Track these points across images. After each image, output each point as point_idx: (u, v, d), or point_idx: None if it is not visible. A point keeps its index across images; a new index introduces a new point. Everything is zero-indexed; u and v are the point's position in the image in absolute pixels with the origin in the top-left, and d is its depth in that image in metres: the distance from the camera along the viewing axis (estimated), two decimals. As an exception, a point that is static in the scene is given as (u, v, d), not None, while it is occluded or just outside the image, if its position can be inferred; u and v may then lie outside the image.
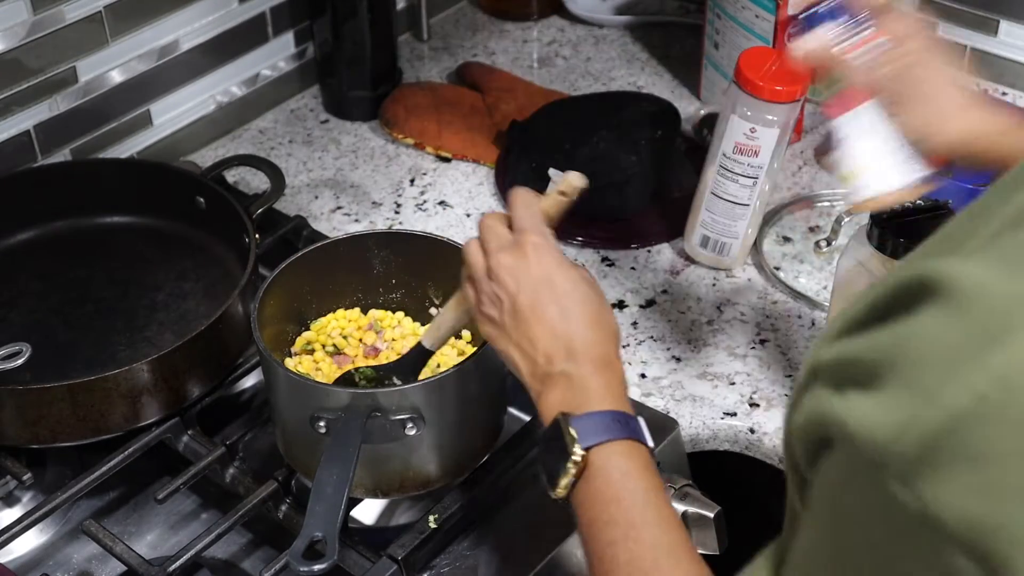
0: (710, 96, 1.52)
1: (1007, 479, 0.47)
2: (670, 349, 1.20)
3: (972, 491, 0.48)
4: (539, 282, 0.87)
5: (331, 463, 0.90)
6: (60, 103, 1.30)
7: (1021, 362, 0.48)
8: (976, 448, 0.48)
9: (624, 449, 0.80)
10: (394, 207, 1.39)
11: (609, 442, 0.80)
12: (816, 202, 1.38)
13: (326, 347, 1.09)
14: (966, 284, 0.50)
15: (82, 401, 1.02)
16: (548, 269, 0.87)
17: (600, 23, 1.70)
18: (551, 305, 0.86)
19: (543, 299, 0.86)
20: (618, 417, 0.82)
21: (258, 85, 1.51)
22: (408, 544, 0.97)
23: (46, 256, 1.25)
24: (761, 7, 1.38)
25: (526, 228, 0.89)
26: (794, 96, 1.17)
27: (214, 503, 1.09)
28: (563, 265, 0.88)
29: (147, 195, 1.27)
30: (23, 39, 1.23)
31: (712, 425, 1.13)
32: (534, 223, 0.90)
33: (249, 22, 1.46)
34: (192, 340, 1.05)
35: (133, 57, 1.34)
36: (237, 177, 1.42)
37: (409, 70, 1.61)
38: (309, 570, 0.84)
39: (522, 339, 0.86)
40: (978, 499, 0.48)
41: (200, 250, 1.25)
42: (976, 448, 0.48)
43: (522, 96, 1.51)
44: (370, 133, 1.51)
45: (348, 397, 0.94)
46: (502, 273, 0.88)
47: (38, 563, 1.05)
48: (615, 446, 0.80)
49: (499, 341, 0.89)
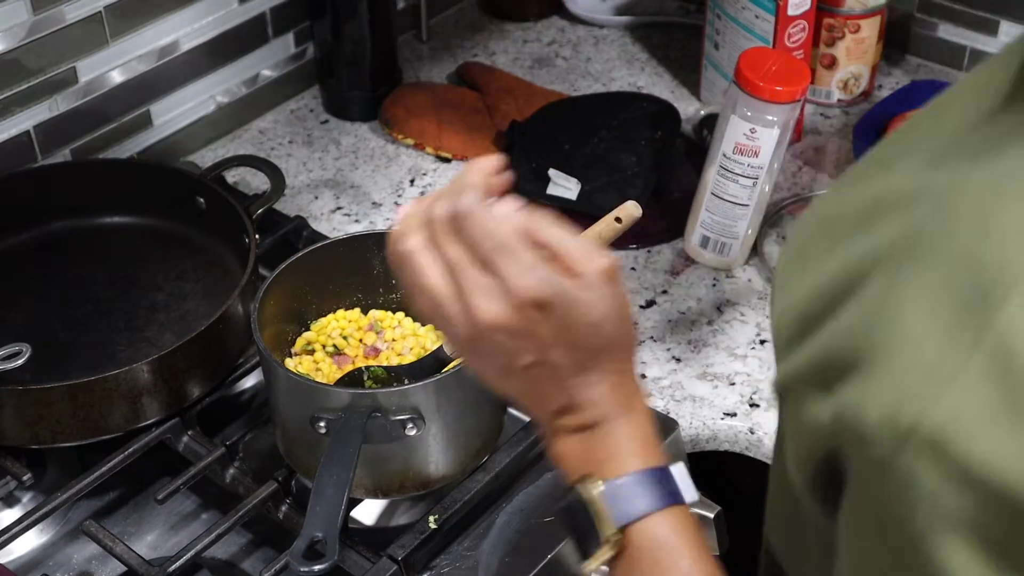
0: (710, 96, 1.52)
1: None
2: (670, 349, 1.20)
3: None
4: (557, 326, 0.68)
5: (331, 463, 0.90)
6: (60, 103, 1.30)
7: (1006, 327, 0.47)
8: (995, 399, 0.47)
9: (669, 520, 0.66)
10: (394, 207, 1.39)
11: (649, 515, 0.66)
12: (816, 202, 1.38)
13: (326, 347, 1.09)
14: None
15: (82, 401, 1.02)
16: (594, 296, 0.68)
17: (600, 23, 1.70)
18: (585, 341, 0.68)
19: (580, 337, 0.68)
20: (654, 477, 0.67)
21: (258, 85, 1.51)
22: (408, 544, 0.97)
23: (46, 256, 1.25)
24: (761, 7, 1.38)
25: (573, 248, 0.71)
26: (794, 96, 1.17)
27: (214, 503, 1.09)
28: (612, 295, 0.69)
29: (147, 195, 1.27)
30: (23, 39, 1.23)
31: (712, 425, 1.13)
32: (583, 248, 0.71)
33: (249, 22, 1.45)
34: (192, 340, 1.05)
35: (133, 57, 1.34)
36: (237, 177, 1.42)
37: (409, 70, 1.61)
38: (309, 570, 0.84)
39: (530, 390, 0.70)
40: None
41: (200, 250, 1.25)
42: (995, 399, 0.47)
43: (522, 96, 1.51)
44: (370, 133, 1.51)
45: (348, 397, 0.94)
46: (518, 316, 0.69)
47: (38, 563, 1.05)
48: (656, 519, 0.66)
49: (499, 383, 0.72)
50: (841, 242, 0.56)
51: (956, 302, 0.48)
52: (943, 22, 1.56)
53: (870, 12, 1.48)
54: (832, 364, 0.53)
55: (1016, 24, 1.50)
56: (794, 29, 1.38)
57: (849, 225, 0.57)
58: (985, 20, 1.52)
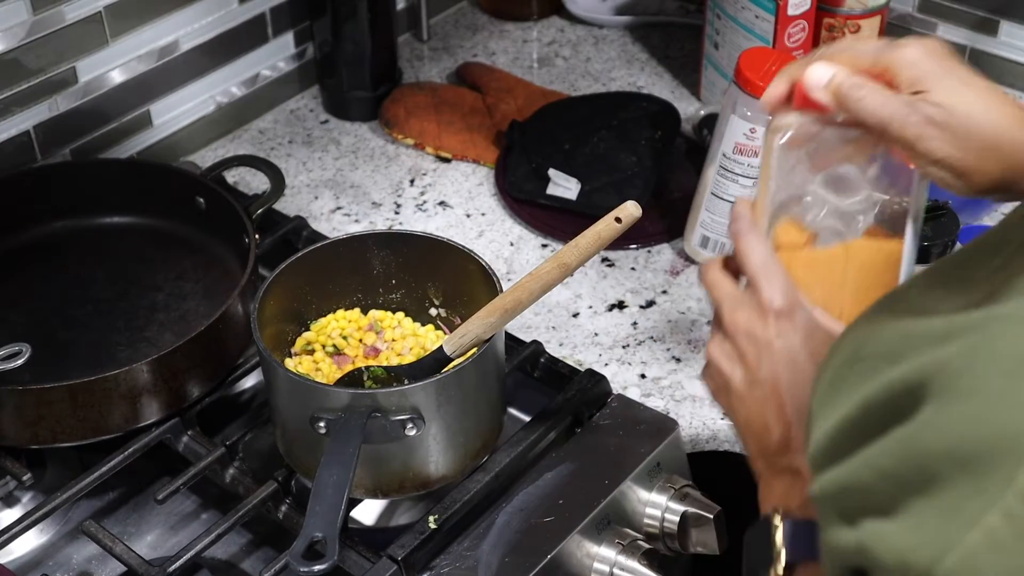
0: (710, 96, 1.52)
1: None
2: (670, 349, 1.20)
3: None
4: (782, 361, 0.75)
5: (331, 463, 0.90)
6: (60, 103, 1.30)
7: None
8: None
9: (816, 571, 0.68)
10: (394, 207, 1.39)
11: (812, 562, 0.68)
12: (816, 202, 1.37)
13: (326, 347, 1.09)
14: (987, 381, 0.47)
15: (82, 401, 1.02)
16: (793, 347, 0.75)
17: (600, 23, 1.70)
18: (791, 392, 0.74)
19: (783, 381, 0.74)
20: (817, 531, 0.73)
21: (258, 85, 1.51)
22: (408, 544, 0.97)
23: (46, 256, 1.25)
24: (761, 7, 1.38)
25: (765, 288, 0.76)
26: (794, 96, 1.17)
27: (214, 503, 1.09)
28: (806, 344, 0.75)
29: (147, 195, 1.27)
30: (23, 39, 1.23)
31: (712, 425, 1.13)
32: (778, 282, 0.76)
33: (249, 22, 1.45)
34: (192, 340, 1.05)
35: (133, 57, 1.34)
36: (237, 177, 1.42)
37: (409, 70, 1.61)
38: (309, 570, 0.84)
39: (754, 418, 0.76)
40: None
41: (200, 250, 1.25)
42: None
43: (522, 96, 1.51)
44: (370, 133, 1.51)
45: (348, 397, 0.94)
46: (740, 338, 0.76)
47: (38, 563, 1.05)
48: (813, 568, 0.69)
49: (725, 403, 0.79)
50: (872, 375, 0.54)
51: (982, 447, 0.47)
52: (943, 22, 1.56)
53: (870, 12, 1.48)
54: (856, 495, 0.52)
55: (1016, 24, 1.50)
56: (794, 29, 1.38)
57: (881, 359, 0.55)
58: (985, 20, 1.52)
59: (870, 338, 0.57)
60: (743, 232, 0.78)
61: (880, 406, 0.52)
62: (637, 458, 1.05)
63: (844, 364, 0.58)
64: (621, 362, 1.18)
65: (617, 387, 1.14)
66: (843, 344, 0.60)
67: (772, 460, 0.75)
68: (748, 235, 0.78)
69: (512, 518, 1.02)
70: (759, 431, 0.75)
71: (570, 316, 1.24)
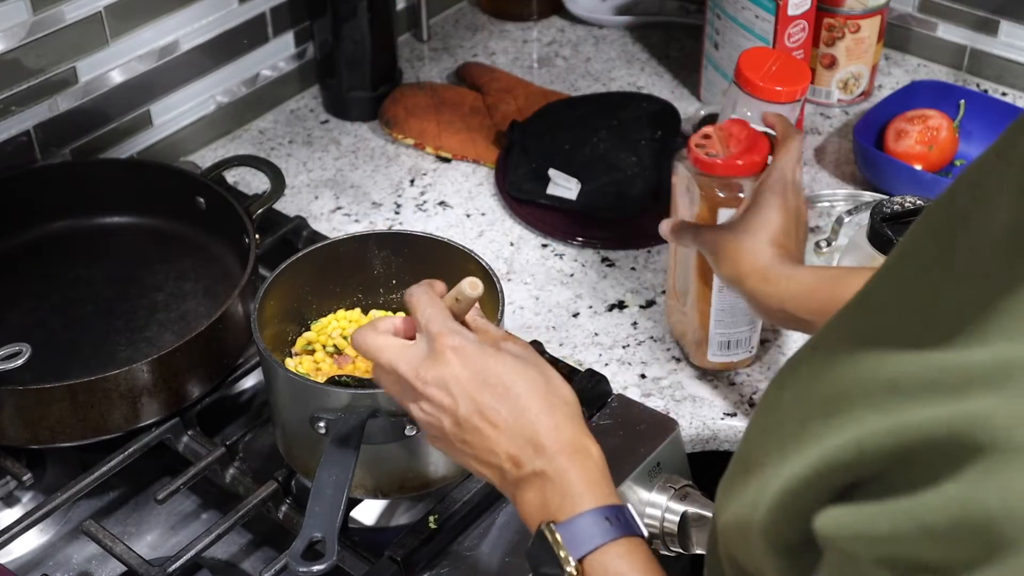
0: (710, 96, 1.52)
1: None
2: (670, 349, 1.20)
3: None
4: (474, 385, 0.79)
5: (331, 463, 0.90)
6: (60, 103, 1.30)
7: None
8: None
9: (621, 550, 0.74)
10: (394, 207, 1.39)
11: (603, 546, 0.74)
12: (816, 202, 1.37)
13: (326, 347, 1.09)
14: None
15: (82, 401, 1.02)
16: (478, 367, 0.80)
17: (600, 23, 1.70)
18: (498, 405, 0.79)
19: (486, 402, 0.79)
20: (607, 513, 0.76)
21: (258, 85, 1.51)
22: (408, 544, 0.97)
23: (46, 256, 1.25)
24: (761, 7, 1.38)
25: (436, 331, 0.81)
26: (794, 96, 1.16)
27: (214, 503, 1.09)
28: (492, 356, 0.80)
29: (147, 195, 1.27)
30: (23, 39, 1.23)
31: (712, 425, 1.13)
32: (442, 321, 0.82)
33: (249, 22, 1.45)
34: (192, 340, 1.05)
35: (133, 57, 1.34)
36: (237, 177, 1.42)
37: (409, 70, 1.61)
38: (308, 570, 0.84)
39: (479, 450, 0.80)
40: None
41: (200, 250, 1.25)
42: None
43: (522, 96, 1.51)
44: (370, 133, 1.51)
45: (348, 397, 0.94)
46: (430, 391, 0.80)
47: (38, 563, 1.05)
48: (611, 549, 0.74)
49: (455, 456, 0.83)
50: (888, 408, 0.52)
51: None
52: (943, 22, 1.56)
53: (870, 12, 1.48)
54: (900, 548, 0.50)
55: (1016, 24, 1.50)
56: (794, 29, 1.38)
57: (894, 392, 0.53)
58: (985, 20, 1.52)
59: (863, 368, 0.55)
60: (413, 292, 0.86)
61: (914, 452, 0.50)
62: (637, 458, 1.05)
63: (827, 398, 0.56)
64: (621, 362, 1.18)
65: (617, 387, 1.14)
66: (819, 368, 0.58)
67: (512, 477, 0.79)
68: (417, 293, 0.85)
69: (512, 518, 1.02)
70: (488, 458, 0.79)
71: (570, 316, 1.24)
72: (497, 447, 0.79)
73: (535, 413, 0.79)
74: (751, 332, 1.15)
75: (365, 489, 1.00)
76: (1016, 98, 1.52)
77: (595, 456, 0.79)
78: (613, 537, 0.75)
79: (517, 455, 0.78)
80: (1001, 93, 1.53)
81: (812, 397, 0.58)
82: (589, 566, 0.74)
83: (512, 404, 0.79)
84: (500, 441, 0.79)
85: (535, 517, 0.78)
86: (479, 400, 0.79)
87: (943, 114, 1.40)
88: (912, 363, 0.52)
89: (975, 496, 0.46)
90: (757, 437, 0.64)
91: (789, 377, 0.64)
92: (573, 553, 0.74)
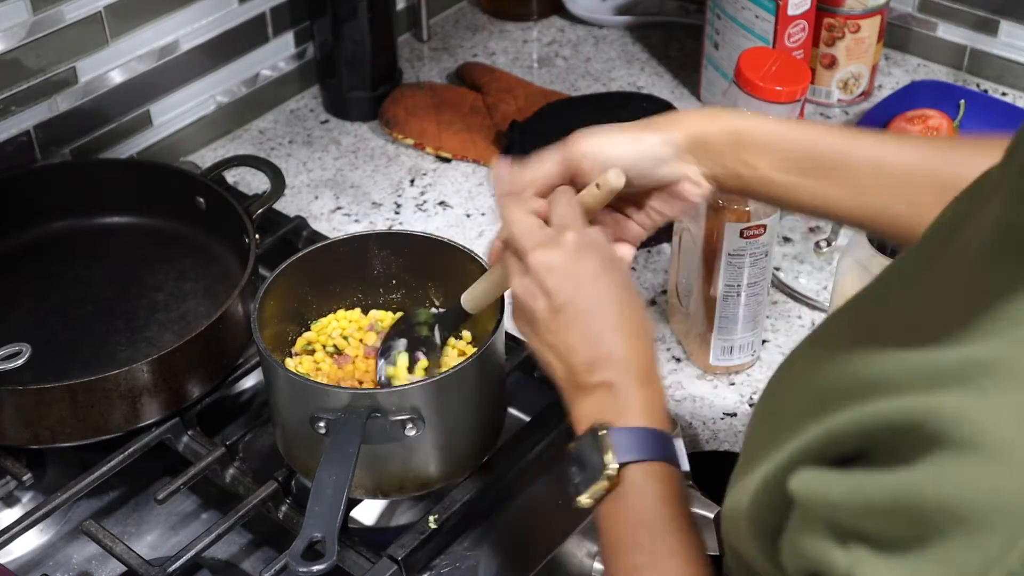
0: (710, 96, 1.52)
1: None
2: (670, 349, 1.20)
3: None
4: (581, 285, 0.81)
5: (331, 463, 0.90)
6: (60, 103, 1.30)
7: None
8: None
9: (660, 472, 0.76)
10: (394, 207, 1.39)
11: (646, 461, 0.76)
12: (816, 202, 1.37)
13: (326, 347, 1.09)
14: (989, 438, 0.47)
15: (82, 401, 1.02)
16: (592, 271, 0.82)
17: (600, 23, 1.70)
18: (594, 311, 0.81)
19: (585, 304, 0.81)
20: (658, 436, 0.78)
21: (258, 85, 1.51)
22: (408, 544, 0.97)
23: (46, 256, 1.25)
24: (761, 7, 1.38)
25: (567, 224, 0.83)
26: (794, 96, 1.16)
27: (214, 503, 1.09)
28: (607, 268, 0.82)
29: (147, 195, 1.27)
30: (23, 39, 1.23)
31: (712, 425, 1.13)
32: (575, 218, 0.84)
33: (249, 22, 1.46)
34: (192, 340, 1.05)
35: (133, 57, 1.34)
36: (237, 177, 1.42)
37: (409, 70, 1.61)
38: (308, 570, 0.84)
39: (559, 343, 0.81)
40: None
41: (200, 250, 1.25)
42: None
43: (522, 96, 1.51)
44: (370, 133, 1.51)
45: (348, 397, 0.94)
46: (541, 271, 0.82)
47: (38, 563, 1.05)
48: (652, 467, 0.76)
49: (533, 339, 0.84)
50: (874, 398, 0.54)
51: (982, 507, 0.47)
52: (943, 22, 1.56)
53: (870, 12, 1.48)
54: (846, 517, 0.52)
55: (1016, 24, 1.50)
56: (794, 29, 1.38)
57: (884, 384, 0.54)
58: (985, 20, 1.52)
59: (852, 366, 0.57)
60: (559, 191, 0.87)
61: (881, 433, 0.52)
62: (637, 458, 1.05)
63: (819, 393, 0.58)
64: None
65: (617, 387, 1.14)
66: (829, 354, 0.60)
67: (581, 380, 0.80)
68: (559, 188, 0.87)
69: (512, 518, 1.02)
70: (565, 354, 0.81)
71: (570, 316, 1.24)
72: (579, 347, 0.80)
73: (624, 334, 0.81)
74: (754, 337, 1.15)
75: (365, 489, 1.00)
76: (1016, 98, 1.52)
77: (660, 389, 0.82)
78: (659, 456, 0.77)
79: (594, 362, 0.80)
80: (1001, 93, 1.53)
81: (805, 391, 0.60)
82: (627, 474, 0.76)
83: (605, 316, 0.81)
84: (584, 344, 0.80)
85: (587, 420, 0.79)
86: (579, 299, 0.81)
87: (943, 114, 1.40)
88: (894, 362, 0.54)
89: (918, 483, 0.49)
90: (757, 428, 0.67)
91: (786, 372, 0.66)
92: (618, 457, 0.76)
